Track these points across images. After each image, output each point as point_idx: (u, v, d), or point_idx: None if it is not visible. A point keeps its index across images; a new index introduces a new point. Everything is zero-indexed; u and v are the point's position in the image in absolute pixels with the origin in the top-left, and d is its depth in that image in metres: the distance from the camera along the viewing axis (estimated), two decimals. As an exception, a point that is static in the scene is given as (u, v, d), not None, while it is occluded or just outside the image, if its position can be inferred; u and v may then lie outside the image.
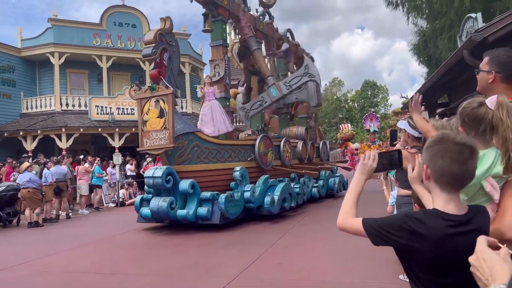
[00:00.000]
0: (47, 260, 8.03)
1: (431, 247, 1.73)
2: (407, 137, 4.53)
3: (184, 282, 6.17)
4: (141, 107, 10.67)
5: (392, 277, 5.52)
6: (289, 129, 15.24)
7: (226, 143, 11.58)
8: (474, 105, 2.26)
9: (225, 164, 11.44)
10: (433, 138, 1.90)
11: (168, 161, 10.61)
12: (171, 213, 10.34)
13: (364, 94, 77.79)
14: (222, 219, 10.57)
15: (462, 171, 1.78)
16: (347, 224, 2.02)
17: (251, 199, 11.12)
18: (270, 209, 11.24)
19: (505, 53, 2.71)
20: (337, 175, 16.86)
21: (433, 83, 12.21)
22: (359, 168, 2.15)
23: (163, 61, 10.68)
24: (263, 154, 12.34)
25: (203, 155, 11.03)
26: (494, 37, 7.64)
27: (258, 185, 11.60)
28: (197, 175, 10.83)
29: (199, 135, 11.02)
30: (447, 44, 23.20)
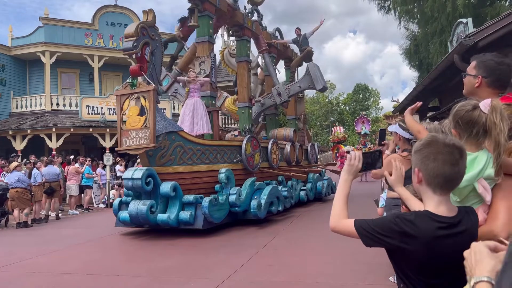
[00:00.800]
0: (35, 260, 7.62)
1: (422, 249, 1.68)
2: (398, 139, 4.40)
3: (174, 283, 5.86)
4: (120, 105, 9.48)
5: (382, 279, 5.35)
6: (277, 131, 14.08)
7: (211, 144, 10.41)
8: (468, 108, 2.16)
9: (209, 166, 10.27)
10: (422, 141, 1.84)
11: (149, 162, 9.42)
12: (151, 217, 9.17)
13: (355, 97, 76.11)
14: (206, 224, 9.42)
15: (454, 172, 1.73)
16: (339, 226, 1.94)
17: (236, 202, 9.97)
18: (257, 213, 10.10)
19: (493, 58, 2.62)
20: (326, 178, 15.70)
21: (424, 87, 11.68)
22: (346, 169, 2.07)
23: (144, 56, 9.49)
24: (250, 156, 11.18)
25: (186, 156, 9.86)
26: (484, 42, 7.32)
27: (244, 188, 10.45)
28: (180, 177, 9.66)
29: (182, 134, 9.83)
30: (438, 48, 22.32)
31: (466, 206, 1.94)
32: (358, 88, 76.44)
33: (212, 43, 11.33)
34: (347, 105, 77.04)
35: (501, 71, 2.61)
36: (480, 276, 1.22)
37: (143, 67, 9.46)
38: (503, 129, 2.01)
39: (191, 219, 9.28)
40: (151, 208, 9.22)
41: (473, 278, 1.24)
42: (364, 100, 75.80)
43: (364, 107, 71.32)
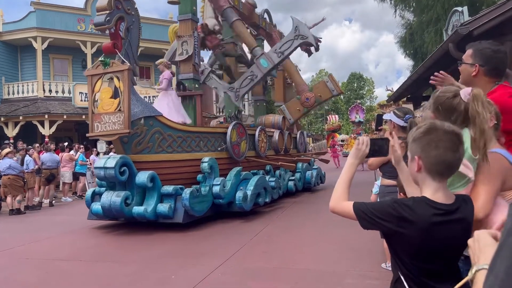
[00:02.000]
0: (28, 247, 7.09)
1: (418, 234, 1.59)
2: (392, 127, 4.15)
3: (168, 270, 5.37)
4: (92, 86, 7.87)
5: (373, 266, 5.02)
6: (265, 117, 12.42)
7: (193, 130, 8.81)
8: (448, 95, 2.05)
9: (191, 154, 8.68)
10: (421, 129, 1.70)
11: (124, 150, 7.85)
12: (126, 210, 7.64)
13: (350, 86, 73.00)
14: (187, 217, 7.91)
15: (455, 158, 1.63)
16: (338, 207, 1.82)
17: (221, 194, 8.44)
18: (242, 205, 8.57)
19: (489, 47, 2.47)
20: (315, 167, 14.04)
21: (418, 75, 10.56)
22: (353, 153, 1.94)
23: (119, 32, 7.87)
24: (236, 144, 9.60)
25: (166, 143, 8.28)
26: (479, 31, 6.73)
27: (229, 178, 8.90)
28: (158, 166, 8.11)
29: (161, 120, 8.24)
30: (433, 37, 20.72)
31: (464, 194, 1.82)
32: (352, 77, 73.55)
33: (196, 21, 9.66)
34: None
35: (498, 60, 2.48)
36: (482, 264, 1.13)
37: (117, 44, 7.86)
38: (485, 117, 1.91)
39: (170, 212, 7.78)
40: (126, 200, 7.71)
41: (475, 266, 1.15)
42: (359, 89, 73.05)
43: (359, 96, 68.51)
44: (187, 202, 7.75)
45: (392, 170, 3.58)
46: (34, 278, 5.33)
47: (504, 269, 0.78)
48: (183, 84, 9.38)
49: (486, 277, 0.86)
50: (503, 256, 0.81)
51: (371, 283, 4.49)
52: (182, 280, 4.93)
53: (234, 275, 5.05)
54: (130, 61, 8.02)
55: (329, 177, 14.97)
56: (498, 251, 0.84)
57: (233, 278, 4.94)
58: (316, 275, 4.89)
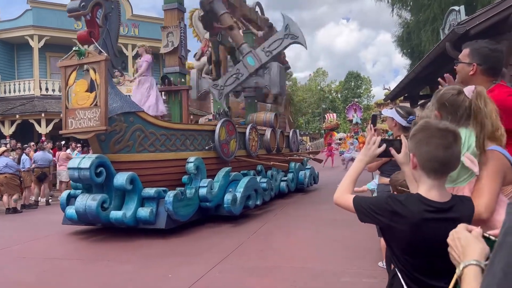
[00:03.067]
0: (25, 246, 6.64)
1: (409, 229, 1.53)
2: (393, 125, 3.81)
3: (165, 268, 5.01)
4: (66, 78, 6.67)
5: (370, 264, 4.72)
6: (257, 115, 11.12)
7: (178, 128, 7.60)
8: (454, 92, 1.97)
9: (176, 154, 7.48)
10: (417, 126, 1.64)
11: (101, 149, 6.67)
12: (103, 215, 6.48)
13: (347, 85, 70.67)
14: (170, 222, 6.76)
15: (447, 155, 1.53)
16: (341, 199, 1.80)
17: (207, 197, 7.27)
18: (231, 209, 7.40)
19: (486, 46, 2.36)
20: (308, 167, 12.77)
21: (415, 74, 10.04)
22: (363, 151, 1.89)
23: (95, 20, 6.66)
24: (225, 143, 8.40)
25: (148, 141, 7.08)
26: (476, 30, 6.44)
27: (217, 179, 7.72)
28: (139, 167, 6.93)
29: (142, 116, 7.05)
30: (430, 36, 19.60)
31: (463, 195, 1.72)
32: (350, 75, 71.26)
33: (182, 11, 8.42)
34: (339, 92, 72.07)
35: (495, 59, 2.37)
36: (469, 260, 1.08)
37: (94, 32, 6.64)
38: (487, 113, 1.86)
39: (152, 217, 6.62)
40: (103, 204, 6.55)
41: (462, 263, 1.10)
42: (356, 87, 70.87)
43: (356, 95, 66.18)
44: (170, 206, 6.59)
45: (393, 169, 3.45)
46: (31, 277, 4.97)
47: (501, 268, 0.73)
48: (168, 78, 8.18)
49: (484, 277, 0.79)
50: (501, 256, 0.76)
51: (368, 281, 4.26)
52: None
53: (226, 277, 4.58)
54: (108, 51, 6.82)
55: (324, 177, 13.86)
56: (496, 251, 0.78)
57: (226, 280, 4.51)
58: (313, 273, 4.61)
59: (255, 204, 8.23)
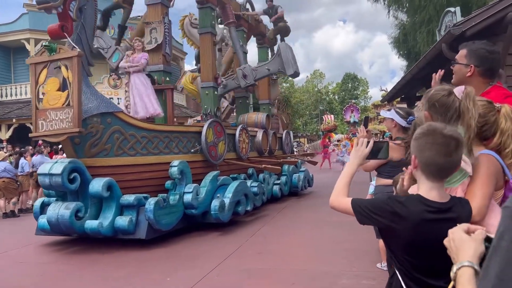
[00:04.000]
0: (23, 250, 6.43)
1: (409, 229, 1.52)
2: (393, 126, 3.75)
3: (162, 273, 4.76)
4: (36, 76, 6.01)
5: (369, 266, 4.57)
6: (248, 116, 10.40)
7: (161, 129, 6.92)
8: (444, 93, 1.89)
9: (159, 157, 6.81)
10: (421, 129, 1.62)
11: (75, 153, 6.00)
12: (77, 224, 5.82)
13: (344, 86, 69.62)
14: (151, 232, 6.10)
15: (447, 162, 1.54)
16: (337, 202, 1.77)
17: (193, 203, 6.59)
18: (219, 216, 6.73)
19: (484, 47, 2.31)
20: (302, 170, 11.99)
21: (412, 76, 9.69)
22: (353, 153, 1.90)
23: (68, 13, 5.99)
24: (212, 145, 7.71)
25: (128, 144, 6.41)
26: (472, 31, 6.33)
27: (204, 184, 7.05)
28: (118, 172, 6.27)
29: (121, 117, 6.38)
30: (425, 37, 19.26)
31: (461, 197, 1.71)
32: (347, 77, 70.21)
33: (166, 6, 7.72)
34: (336, 94, 71.04)
35: (492, 60, 2.31)
36: (462, 262, 1.07)
37: (67, 26, 5.98)
38: (474, 114, 1.82)
39: (131, 227, 5.96)
40: (77, 213, 5.87)
41: (456, 265, 1.10)
42: (353, 89, 69.80)
43: (353, 96, 64.99)
44: (151, 214, 5.93)
45: (391, 170, 3.45)
46: (28, 281, 4.78)
47: (496, 273, 0.72)
48: (151, 77, 7.51)
49: (480, 281, 0.78)
50: (495, 260, 0.74)
51: (367, 283, 4.16)
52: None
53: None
54: (84, 48, 6.16)
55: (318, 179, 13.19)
56: (491, 255, 0.77)
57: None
58: (312, 275, 4.51)
59: (245, 210, 7.56)
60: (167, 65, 7.80)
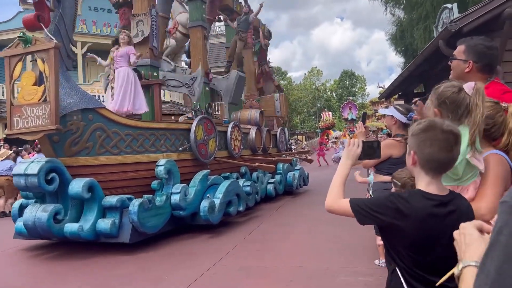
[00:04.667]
0: (19, 249, 6.06)
1: (414, 226, 1.48)
2: (393, 123, 3.64)
3: (161, 271, 4.63)
4: (10, 70, 5.54)
5: (367, 263, 4.48)
6: (241, 113, 9.88)
7: (147, 126, 6.45)
8: (455, 90, 1.87)
9: (144, 156, 6.34)
10: (420, 125, 1.58)
11: (54, 151, 5.54)
12: (55, 228, 5.36)
13: (342, 84, 68.64)
14: (135, 235, 5.66)
15: (448, 157, 1.53)
16: (335, 205, 1.68)
17: (181, 204, 6.14)
18: (208, 217, 6.28)
19: (482, 43, 2.26)
20: (297, 168, 11.47)
21: (409, 72, 9.64)
22: (345, 153, 1.83)
23: (45, 2, 5.52)
24: (202, 143, 7.23)
25: (111, 142, 5.94)
26: (469, 28, 6.27)
27: (193, 184, 6.60)
28: (101, 172, 5.82)
29: (103, 113, 5.91)
30: (422, 34, 18.82)
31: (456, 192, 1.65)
32: (344, 74, 69.14)
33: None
34: (333, 91, 70.08)
35: (491, 56, 2.26)
36: (469, 261, 1.03)
37: (43, 16, 5.51)
38: (482, 111, 1.79)
39: (114, 230, 5.51)
40: (56, 216, 5.41)
41: (462, 262, 1.05)
42: (351, 86, 68.69)
43: (351, 94, 63.89)
44: (135, 216, 5.48)
45: (391, 167, 3.34)
46: (22, 281, 4.63)
47: (495, 268, 0.71)
48: (138, 71, 7.03)
49: (477, 276, 0.76)
50: (493, 255, 0.73)
51: (364, 279, 4.08)
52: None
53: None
54: (63, 40, 5.69)
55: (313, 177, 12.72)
56: (489, 250, 0.75)
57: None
58: (310, 272, 4.41)
59: (237, 211, 7.10)
60: (155, 59, 7.32)
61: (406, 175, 2.43)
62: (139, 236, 5.73)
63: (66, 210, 5.54)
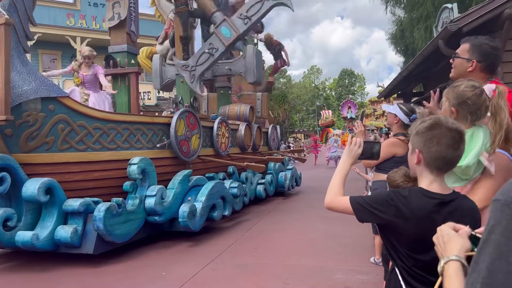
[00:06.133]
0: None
1: (414, 224, 1.41)
2: (394, 122, 3.51)
3: (156, 267, 4.45)
4: (-46, 50, 4.50)
5: (363, 261, 4.37)
6: (229, 107, 8.83)
7: (120, 120, 5.45)
8: (477, 91, 1.79)
9: (116, 153, 5.36)
10: (425, 123, 1.49)
11: (7, 147, 4.54)
12: (5, 237, 4.44)
13: (341, 82, 67.45)
14: (101, 245, 4.72)
15: (454, 156, 1.45)
16: (334, 202, 1.61)
17: (156, 209, 5.18)
18: (188, 224, 5.33)
19: (487, 43, 2.17)
20: (289, 168, 10.41)
21: (409, 72, 9.31)
22: (346, 152, 1.75)
23: (-2, -29, 4.51)
24: (184, 139, 6.25)
25: (76, 137, 4.96)
26: (468, 28, 5.96)
27: (171, 186, 5.63)
28: (63, 171, 4.86)
29: (68, 103, 4.93)
30: (423, 34, 18.18)
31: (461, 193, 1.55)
32: (344, 73, 67.84)
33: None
34: (333, 90, 68.83)
35: (495, 56, 2.18)
36: (449, 256, 1.03)
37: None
38: (506, 114, 1.73)
39: (76, 239, 4.57)
40: (7, 222, 4.43)
41: (443, 259, 1.05)
42: (350, 85, 67.45)
43: (350, 92, 62.73)
44: (100, 223, 4.53)
45: (394, 166, 3.16)
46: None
47: (487, 266, 0.70)
48: (113, 58, 6.04)
49: (469, 275, 0.75)
50: (485, 253, 0.72)
51: (361, 278, 3.92)
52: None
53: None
54: (20, 17, 4.70)
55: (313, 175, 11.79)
56: (481, 248, 0.74)
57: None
58: (306, 270, 4.24)
59: (222, 216, 6.14)
60: (132, 45, 6.32)
61: (399, 178, 2.34)
62: (106, 246, 4.77)
63: (19, 216, 4.57)
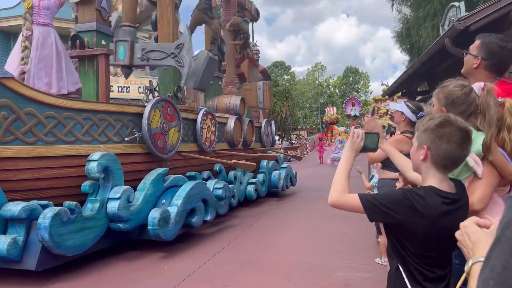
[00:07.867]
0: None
1: (428, 223, 1.34)
2: (401, 120, 3.30)
3: (157, 261, 4.16)
4: None
5: (365, 259, 4.12)
6: (218, 99, 7.75)
7: (79, 107, 4.40)
8: (465, 90, 1.73)
9: (74, 148, 4.32)
10: (435, 120, 1.41)
11: None
12: None
13: (345, 80, 65.91)
14: (47, 259, 3.74)
15: (462, 155, 1.41)
16: (341, 200, 1.46)
17: (121, 214, 4.18)
18: (158, 232, 4.33)
19: (497, 42, 2.00)
20: (284, 166, 9.30)
21: (414, 70, 8.82)
22: (348, 146, 1.62)
23: None
24: (160, 132, 5.19)
25: (23, 127, 3.92)
26: (476, 26, 5.63)
27: (142, 187, 4.62)
28: (6, 168, 3.86)
29: (12, 86, 3.88)
30: (430, 32, 17.34)
31: (456, 180, 1.51)
32: (348, 70, 66.19)
33: None
34: (337, 87, 67.35)
35: (502, 56, 2.00)
36: (478, 257, 0.97)
37: None
38: (495, 111, 1.67)
39: (15, 252, 3.62)
40: None
41: (471, 259, 0.99)
42: (354, 83, 65.84)
43: (354, 90, 61.09)
44: (46, 232, 3.56)
45: None
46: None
47: (500, 263, 0.65)
48: (80, 38, 5.01)
49: (481, 270, 0.70)
50: (499, 249, 0.67)
51: (362, 275, 3.71)
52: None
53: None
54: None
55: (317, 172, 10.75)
56: (494, 244, 0.69)
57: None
58: (308, 267, 3.97)
59: (202, 221, 5.11)
60: (103, 23, 5.27)
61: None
62: (54, 260, 3.78)
63: None
